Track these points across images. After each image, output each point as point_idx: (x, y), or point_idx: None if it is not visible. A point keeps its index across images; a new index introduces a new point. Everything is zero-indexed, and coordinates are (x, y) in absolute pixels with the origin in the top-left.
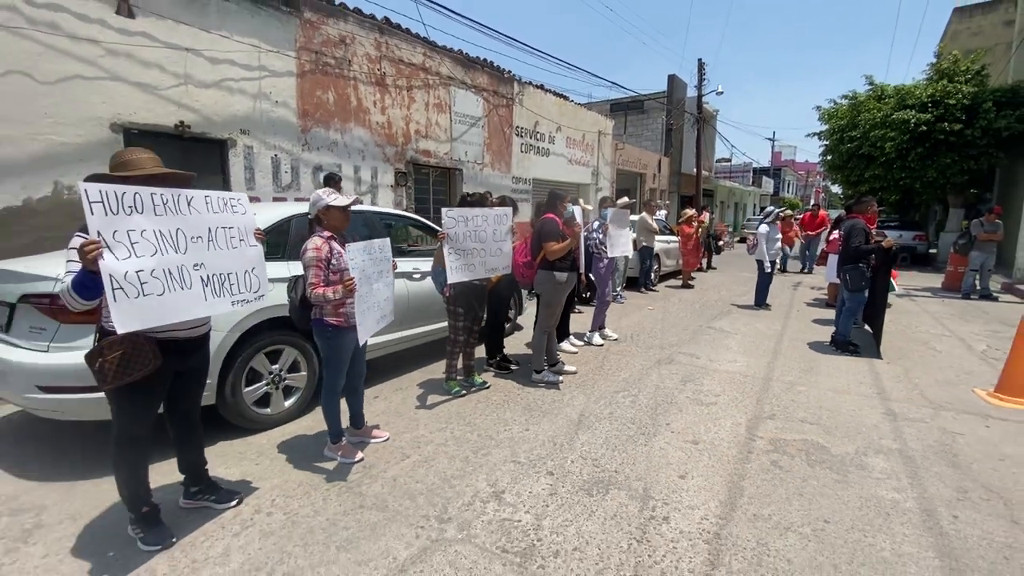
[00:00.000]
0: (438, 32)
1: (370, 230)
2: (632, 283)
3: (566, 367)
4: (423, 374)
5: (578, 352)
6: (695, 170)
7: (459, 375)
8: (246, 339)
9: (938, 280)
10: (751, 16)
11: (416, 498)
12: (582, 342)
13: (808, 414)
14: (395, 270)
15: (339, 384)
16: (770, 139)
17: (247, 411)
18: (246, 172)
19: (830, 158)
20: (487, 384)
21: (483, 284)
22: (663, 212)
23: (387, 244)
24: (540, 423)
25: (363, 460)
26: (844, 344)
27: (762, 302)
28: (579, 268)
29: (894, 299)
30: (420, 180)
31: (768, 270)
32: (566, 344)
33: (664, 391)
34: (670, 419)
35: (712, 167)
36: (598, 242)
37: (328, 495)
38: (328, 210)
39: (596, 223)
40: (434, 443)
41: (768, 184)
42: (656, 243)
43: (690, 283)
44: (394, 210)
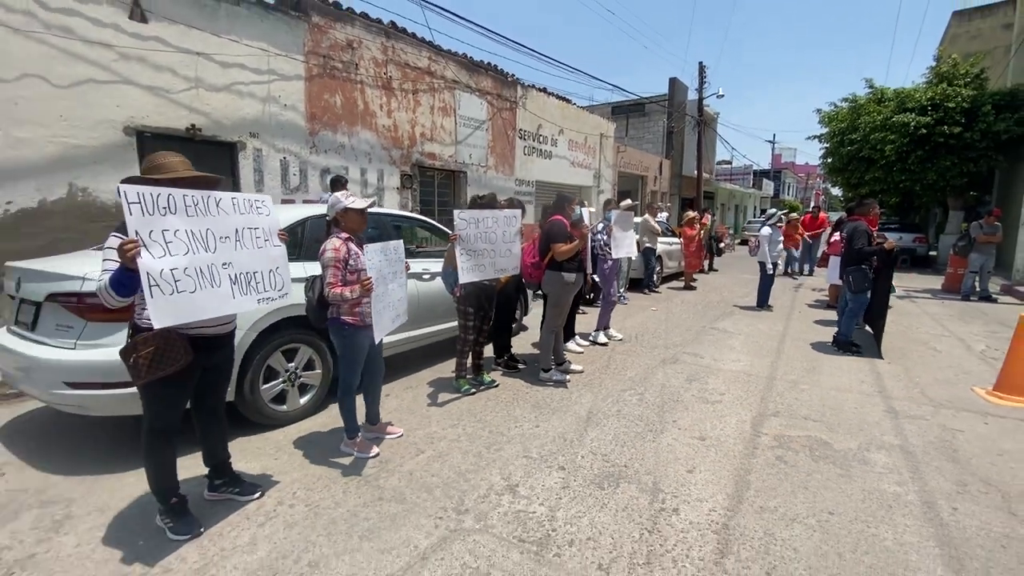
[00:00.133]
0: (443, 36)
1: (380, 232)
2: (635, 284)
3: (573, 366)
4: (432, 373)
5: (584, 352)
6: (696, 172)
7: (469, 374)
8: (264, 337)
9: (938, 282)
10: (751, 17)
11: (433, 491)
12: (587, 342)
13: (811, 411)
14: (408, 271)
15: (355, 381)
16: (770, 141)
17: (265, 408)
18: (255, 174)
19: (830, 161)
20: (496, 383)
21: (492, 284)
22: (664, 214)
23: (401, 246)
24: (550, 420)
25: (379, 455)
26: (846, 344)
27: (764, 303)
28: (586, 269)
29: (895, 300)
30: (425, 182)
31: (770, 272)
32: (572, 344)
33: (670, 389)
34: (676, 416)
35: (713, 169)
36: (602, 243)
37: (347, 488)
38: (346, 212)
39: (600, 225)
40: (447, 439)
41: (768, 186)
42: (658, 245)
43: (692, 284)
44: (405, 212)
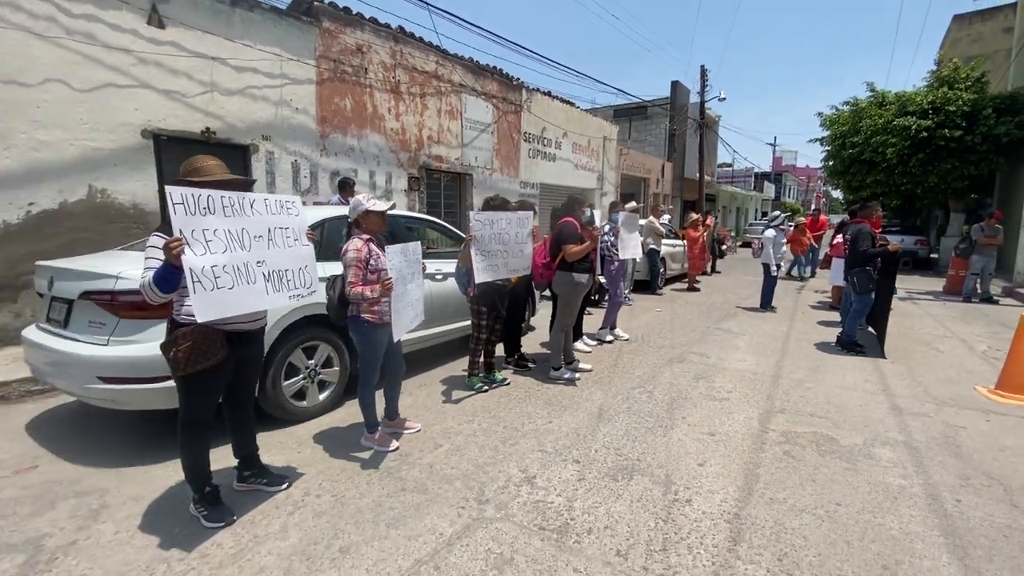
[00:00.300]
0: (450, 40)
1: (393, 232)
2: (642, 286)
3: (582, 365)
4: (444, 371)
5: (592, 351)
6: (698, 175)
7: (481, 372)
8: (287, 334)
9: (940, 284)
10: (754, 19)
11: (453, 482)
12: (595, 341)
13: (817, 409)
14: (424, 271)
15: (374, 377)
16: (771, 144)
17: (286, 403)
18: (267, 176)
19: (832, 163)
20: (507, 381)
21: (505, 284)
22: (667, 216)
23: (419, 247)
24: (562, 416)
25: (398, 449)
26: (850, 344)
27: (768, 304)
28: (595, 270)
29: (897, 302)
30: (432, 185)
31: (774, 273)
32: (580, 344)
33: (678, 387)
34: (685, 413)
35: (714, 172)
36: (609, 245)
37: (371, 479)
38: (367, 215)
39: (607, 226)
40: (463, 434)
41: (770, 189)
42: (662, 246)
43: (696, 286)
44: (417, 214)
